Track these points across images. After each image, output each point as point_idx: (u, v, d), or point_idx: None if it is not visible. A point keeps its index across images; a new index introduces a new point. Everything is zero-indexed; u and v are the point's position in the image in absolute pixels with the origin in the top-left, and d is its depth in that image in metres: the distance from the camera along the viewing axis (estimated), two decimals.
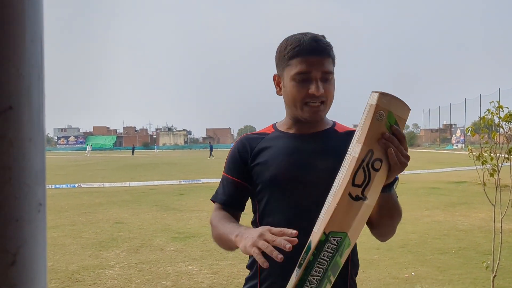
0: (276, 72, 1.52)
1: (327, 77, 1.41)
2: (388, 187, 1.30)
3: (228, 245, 1.40)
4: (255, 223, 1.54)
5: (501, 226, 3.84)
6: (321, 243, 1.20)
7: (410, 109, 1.25)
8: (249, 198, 1.59)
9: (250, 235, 1.22)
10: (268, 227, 1.22)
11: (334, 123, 1.58)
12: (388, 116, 1.21)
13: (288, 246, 1.13)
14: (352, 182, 1.20)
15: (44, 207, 0.41)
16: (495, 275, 3.75)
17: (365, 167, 1.21)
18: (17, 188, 0.39)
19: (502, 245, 3.86)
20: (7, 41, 0.38)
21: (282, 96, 1.51)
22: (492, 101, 3.89)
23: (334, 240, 1.21)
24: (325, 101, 1.42)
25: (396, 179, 1.32)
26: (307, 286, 1.22)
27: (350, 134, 1.52)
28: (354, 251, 1.50)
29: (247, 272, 1.57)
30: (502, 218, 3.83)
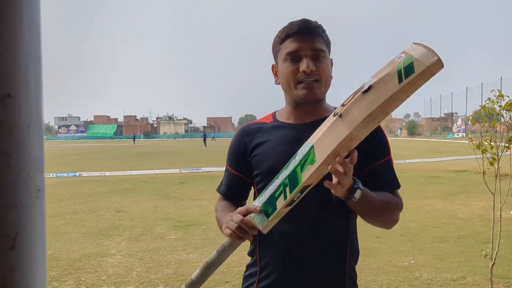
0: (273, 63, 1.55)
1: (318, 55, 1.42)
2: (347, 197, 1.28)
3: None
4: None
5: (500, 215, 3.85)
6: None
7: (440, 62, 1.13)
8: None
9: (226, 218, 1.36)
10: (238, 209, 1.34)
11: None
12: (405, 59, 1.16)
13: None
14: (343, 103, 1.24)
15: (43, 193, 0.42)
16: (493, 263, 3.78)
17: (357, 92, 1.21)
18: (16, 174, 0.39)
19: (501, 234, 3.87)
20: (5, 31, 0.39)
21: (280, 85, 1.51)
22: (493, 90, 3.87)
23: (303, 149, 1.25)
24: (318, 79, 1.42)
25: (355, 188, 1.28)
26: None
27: None
28: (353, 239, 1.51)
29: (247, 260, 1.58)
30: (501, 207, 3.84)
